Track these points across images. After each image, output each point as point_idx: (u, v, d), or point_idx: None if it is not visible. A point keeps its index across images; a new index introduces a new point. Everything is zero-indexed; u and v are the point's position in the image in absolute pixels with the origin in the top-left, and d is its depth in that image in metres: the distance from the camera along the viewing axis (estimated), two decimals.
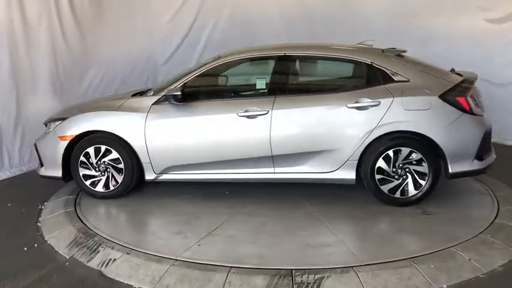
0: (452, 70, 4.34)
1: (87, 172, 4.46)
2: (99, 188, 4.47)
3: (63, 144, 4.39)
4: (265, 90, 4.37)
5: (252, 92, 4.55)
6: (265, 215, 4.03)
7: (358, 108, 4.01)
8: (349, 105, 4.02)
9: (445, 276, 3.05)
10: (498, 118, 4.38)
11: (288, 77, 4.39)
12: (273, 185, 4.46)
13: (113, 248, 3.50)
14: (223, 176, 4.33)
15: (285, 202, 4.30)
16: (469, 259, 3.21)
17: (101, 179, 4.46)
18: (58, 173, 4.46)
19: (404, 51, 4.44)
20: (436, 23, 6.50)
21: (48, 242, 3.78)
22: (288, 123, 4.14)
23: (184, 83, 4.32)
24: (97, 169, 4.44)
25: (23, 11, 5.44)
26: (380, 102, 3.97)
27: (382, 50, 4.30)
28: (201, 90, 4.58)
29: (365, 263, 3.12)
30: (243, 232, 3.72)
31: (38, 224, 4.15)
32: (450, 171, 3.96)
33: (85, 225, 3.94)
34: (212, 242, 3.56)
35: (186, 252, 3.39)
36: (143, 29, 7.32)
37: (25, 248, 3.68)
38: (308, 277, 3.01)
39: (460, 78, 4.13)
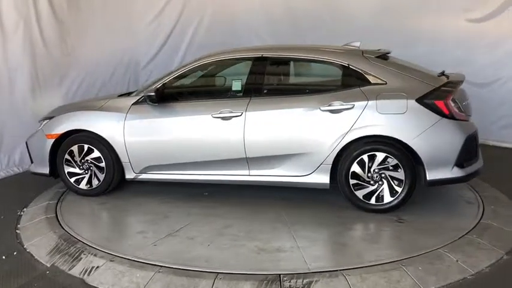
0: (443, 72, 4.22)
1: (72, 170, 4.57)
2: (83, 185, 4.57)
3: (50, 142, 4.52)
4: (241, 92, 4.34)
5: (228, 94, 4.53)
6: (234, 217, 4.01)
7: (331, 111, 3.93)
8: (323, 108, 3.94)
9: (433, 278, 3.04)
10: (479, 118, 4.36)
11: (264, 78, 4.33)
12: (254, 187, 4.40)
13: (95, 255, 3.40)
14: (199, 177, 4.36)
15: (259, 204, 4.28)
16: (457, 260, 3.21)
17: (84, 177, 4.56)
18: (46, 169, 4.59)
19: (389, 52, 4.41)
20: (422, 23, 6.54)
21: (28, 250, 3.66)
22: (262, 125, 4.10)
23: (164, 84, 4.39)
24: (81, 167, 4.55)
25: (0, 13, 5.27)
26: (354, 105, 3.87)
27: (362, 52, 4.20)
28: (178, 91, 4.62)
29: (311, 271, 3.06)
30: (204, 234, 3.71)
31: (17, 231, 4.02)
32: (428, 178, 3.82)
33: (66, 231, 3.84)
34: (168, 243, 3.57)
35: (140, 251, 3.41)
36: (125, 30, 7.19)
37: (3, 257, 3.55)
38: (296, 282, 2.97)
39: (443, 81, 3.98)
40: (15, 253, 3.62)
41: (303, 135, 4.02)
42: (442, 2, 6.48)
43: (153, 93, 4.22)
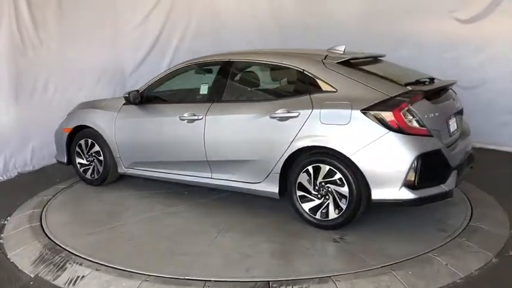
0: (432, 79, 3.96)
1: (81, 161, 5.10)
2: (88, 175, 5.07)
3: (65, 135, 5.09)
4: (206, 96, 4.39)
5: (196, 97, 4.61)
6: (184, 217, 4.12)
7: (279, 118, 3.79)
8: (271, 115, 3.83)
9: (423, 282, 3.03)
10: (466, 121, 4.36)
11: (227, 83, 4.32)
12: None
13: (81, 265, 3.34)
14: (172, 177, 4.54)
15: (218, 207, 4.33)
16: (446, 264, 3.20)
17: (89, 168, 5.06)
18: (64, 158, 5.17)
19: (381, 56, 4.42)
20: (408, 26, 6.53)
21: (11, 260, 3.58)
22: (217, 129, 4.13)
23: (149, 86, 4.69)
24: (87, 159, 5.04)
25: None
26: (299, 113, 3.70)
27: (325, 56, 3.96)
28: (158, 94, 4.77)
29: (193, 278, 3.07)
30: (137, 231, 3.90)
31: (0, 240, 3.93)
32: (372, 197, 3.48)
33: (51, 240, 3.77)
34: (101, 235, 3.81)
35: (74, 239, 3.70)
36: (110, 36, 7.08)
37: None
38: None
39: (403, 90, 3.56)
40: None
41: (252, 142, 3.96)
42: (428, 5, 6.50)
43: (127, 95, 4.58)
